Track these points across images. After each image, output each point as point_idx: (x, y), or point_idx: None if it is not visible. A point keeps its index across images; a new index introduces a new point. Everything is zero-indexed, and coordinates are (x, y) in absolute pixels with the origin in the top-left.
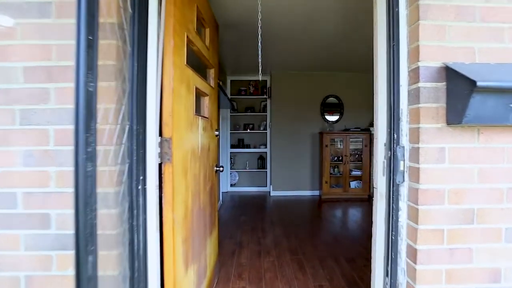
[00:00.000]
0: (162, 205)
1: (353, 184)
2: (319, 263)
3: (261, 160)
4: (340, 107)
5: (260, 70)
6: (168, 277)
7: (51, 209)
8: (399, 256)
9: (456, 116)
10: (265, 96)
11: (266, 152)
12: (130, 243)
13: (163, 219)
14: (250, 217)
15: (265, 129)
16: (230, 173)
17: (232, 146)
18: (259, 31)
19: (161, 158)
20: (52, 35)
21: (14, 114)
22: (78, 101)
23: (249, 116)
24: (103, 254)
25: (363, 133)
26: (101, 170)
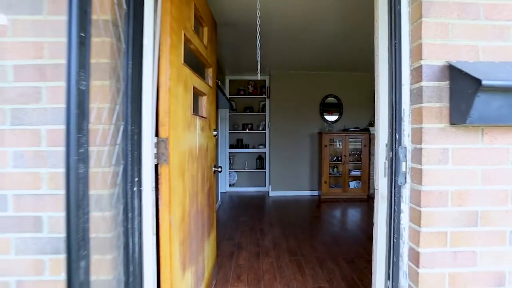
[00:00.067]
0: (159, 207)
1: (352, 184)
2: (318, 264)
3: (260, 160)
4: (339, 107)
5: (259, 68)
6: (165, 281)
7: (43, 211)
8: (400, 259)
9: (459, 116)
10: (264, 96)
11: (265, 152)
12: (125, 247)
13: (159, 221)
14: (249, 217)
15: (264, 129)
16: (229, 173)
17: (231, 146)
18: (258, 27)
19: (157, 159)
20: (44, 32)
21: (5, 114)
22: (70, 100)
23: (248, 116)
24: (97, 258)
25: (362, 133)
26: (95, 171)
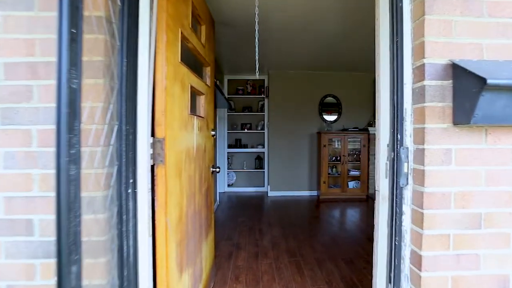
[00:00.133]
0: (155, 208)
1: (351, 184)
2: (317, 265)
3: (259, 160)
4: (338, 107)
5: (257, 67)
6: (161, 283)
7: (34, 214)
8: (402, 262)
9: (463, 116)
10: (262, 96)
11: (264, 152)
12: (119, 250)
13: (155, 223)
14: (248, 217)
15: (262, 128)
16: (228, 173)
17: (229, 146)
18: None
19: (153, 159)
20: (36, 28)
21: None
22: (60, 99)
23: (247, 115)
24: (90, 262)
25: (361, 133)
26: (87, 173)
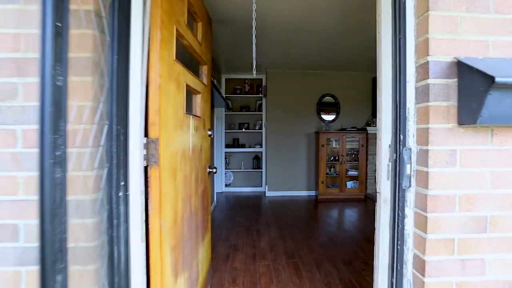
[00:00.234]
0: (148, 211)
1: (350, 184)
2: (316, 266)
3: (257, 160)
4: (337, 106)
5: (254, 65)
6: None
7: (19, 219)
8: (404, 266)
9: (469, 116)
10: (260, 95)
11: (262, 151)
12: (110, 256)
13: (149, 226)
14: (245, 218)
15: (260, 128)
16: (225, 173)
17: (227, 146)
18: (254, 20)
19: (147, 160)
20: (21, 23)
21: None
22: (44, 97)
23: (244, 115)
24: (77, 270)
25: (359, 133)
26: (75, 175)
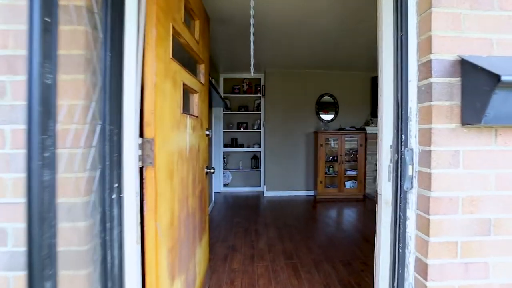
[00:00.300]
0: (144, 213)
1: (348, 184)
2: (314, 267)
3: (255, 160)
4: (335, 106)
5: (252, 63)
6: None
7: (7, 222)
8: (406, 270)
9: (473, 116)
10: (259, 95)
11: (260, 151)
12: (103, 261)
13: (144, 229)
14: (244, 218)
15: (259, 128)
16: (223, 173)
17: (225, 146)
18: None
19: (142, 161)
20: (9, 18)
21: None
22: (32, 96)
23: (243, 114)
24: (68, 275)
25: (358, 132)
26: (66, 177)
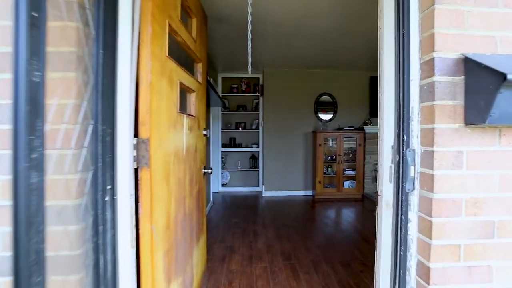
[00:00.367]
0: (139, 216)
1: (347, 184)
2: (313, 268)
3: (253, 160)
4: (334, 106)
5: (249, 62)
6: None
7: None
8: (408, 274)
9: (477, 115)
10: (257, 94)
11: (258, 151)
12: (95, 265)
13: (139, 231)
14: (242, 218)
15: (257, 127)
16: (221, 173)
17: (223, 145)
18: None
19: (137, 162)
20: None
21: None
22: (18, 94)
23: (241, 114)
24: (59, 280)
25: (357, 132)
26: (56, 179)
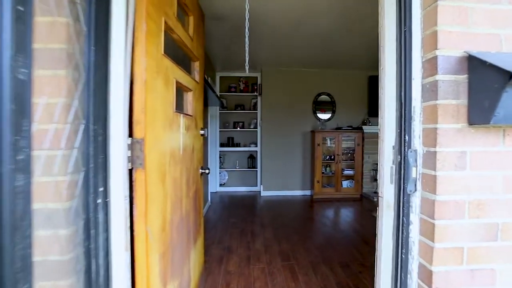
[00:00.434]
0: (134, 218)
1: (345, 183)
2: (312, 269)
3: (251, 159)
4: (332, 105)
5: (247, 60)
6: None
7: None
8: (409, 277)
9: (481, 115)
10: (255, 93)
11: (257, 151)
12: (87, 271)
13: (134, 234)
14: (240, 218)
15: (255, 127)
16: (219, 173)
17: (221, 145)
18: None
19: (131, 162)
20: None
21: None
22: (2, 92)
23: (239, 113)
24: (47, 286)
25: (355, 132)
26: (44, 181)
